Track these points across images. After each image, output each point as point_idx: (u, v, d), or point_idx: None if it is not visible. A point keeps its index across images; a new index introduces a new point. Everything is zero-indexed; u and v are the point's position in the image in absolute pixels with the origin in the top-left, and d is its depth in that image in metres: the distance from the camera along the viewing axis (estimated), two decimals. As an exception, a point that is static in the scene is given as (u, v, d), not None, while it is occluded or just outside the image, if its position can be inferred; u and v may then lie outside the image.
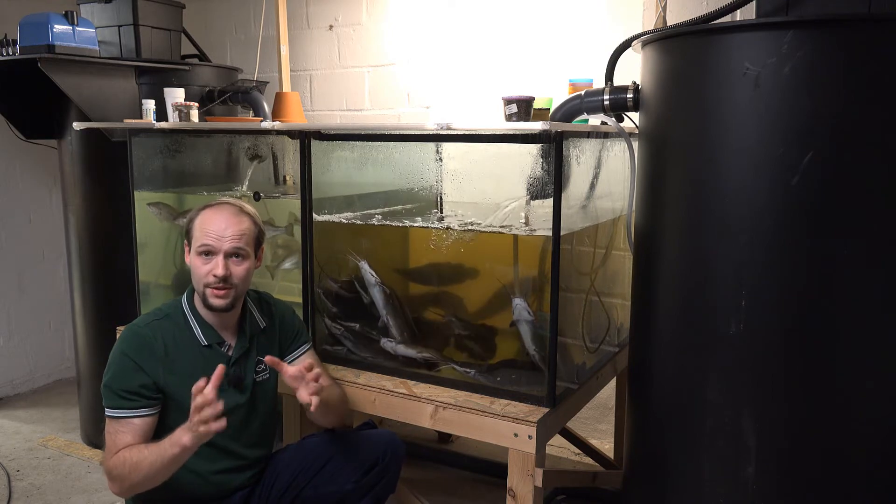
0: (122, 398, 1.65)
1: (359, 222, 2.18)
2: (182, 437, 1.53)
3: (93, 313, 2.86)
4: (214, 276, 1.69)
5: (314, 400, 1.63)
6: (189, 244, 1.76)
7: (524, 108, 1.86)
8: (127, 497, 1.70)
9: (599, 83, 1.86)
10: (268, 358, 1.67)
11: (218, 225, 1.72)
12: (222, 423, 1.50)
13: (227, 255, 1.71)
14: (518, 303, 1.91)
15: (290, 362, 1.90)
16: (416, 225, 2.13)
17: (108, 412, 1.66)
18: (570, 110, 1.88)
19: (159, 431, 1.67)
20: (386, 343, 2.07)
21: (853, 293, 1.29)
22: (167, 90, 2.56)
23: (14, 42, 2.55)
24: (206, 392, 1.49)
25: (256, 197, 2.33)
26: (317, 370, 1.68)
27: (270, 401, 1.88)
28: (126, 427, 1.64)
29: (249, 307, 1.85)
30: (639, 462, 1.71)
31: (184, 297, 1.80)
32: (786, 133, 1.29)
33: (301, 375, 1.64)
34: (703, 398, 1.45)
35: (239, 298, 1.77)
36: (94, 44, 2.61)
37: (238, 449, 1.79)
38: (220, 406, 1.50)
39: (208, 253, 1.71)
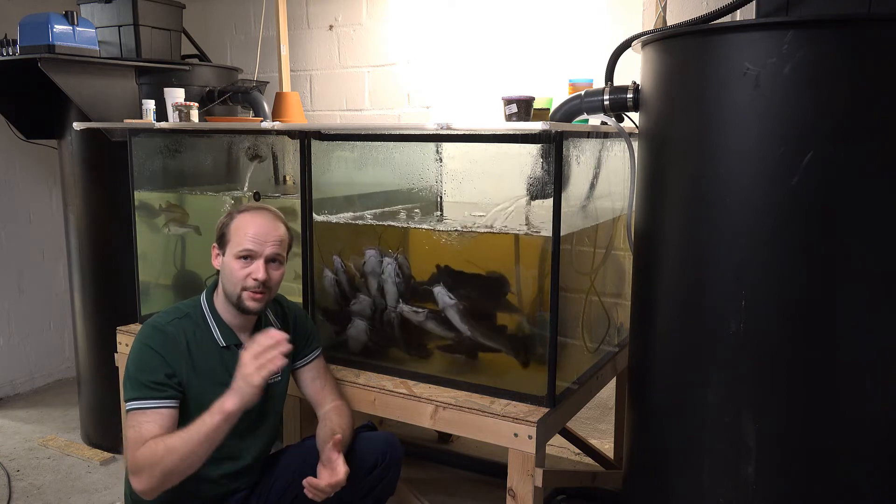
0: (149, 388, 1.62)
1: (359, 222, 2.18)
2: (225, 402, 1.54)
3: (93, 313, 2.86)
4: (255, 279, 1.69)
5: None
6: (221, 247, 1.76)
7: (524, 108, 1.86)
8: (155, 495, 1.60)
9: (599, 83, 1.86)
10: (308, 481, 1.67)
11: (259, 229, 1.72)
12: (284, 360, 1.56)
13: (268, 260, 1.72)
14: (438, 290, 1.95)
15: (300, 367, 1.92)
16: (415, 226, 2.13)
17: (132, 405, 1.62)
18: (570, 110, 1.88)
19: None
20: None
21: (853, 293, 1.29)
22: (167, 90, 2.56)
23: (14, 42, 2.55)
24: (274, 334, 1.57)
25: (256, 197, 2.33)
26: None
27: (279, 403, 1.88)
28: (153, 417, 1.60)
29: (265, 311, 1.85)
30: (639, 462, 1.71)
31: (202, 297, 1.80)
32: (786, 133, 1.29)
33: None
34: (703, 398, 1.45)
35: (269, 303, 1.78)
36: (94, 44, 2.61)
37: (242, 451, 1.79)
38: (283, 360, 1.57)
39: (248, 256, 1.71)
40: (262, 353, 1.56)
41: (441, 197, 2.24)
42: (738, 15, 1.72)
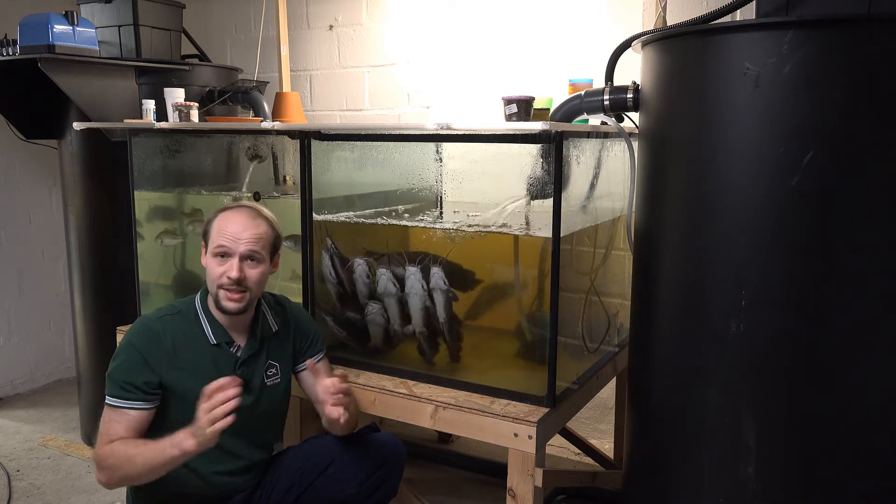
0: (122, 388, 1.66)
1: (360, 221, 2.18)
2: (185, 441, 1.53)
3: (93, 313, 2.86)
4: (228, 277, 1.69)
5: (342, 414, 1.67)
6: (206, 245, 1.76)
7: (524, 108, 1.86)
8: (113, 488, 1.70)
9: (599, 83, 1.86)
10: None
11: (235, 227, 1.71)
12: (228, 420, 1.50)
13: (243, 258, 1.71)
14: (435, 271, 1.99)
15: (302, 369, 1.91)
16: (415, 225, 2.13)
17: (107, 399, 1.67)
18: (570, 110, 1.88)
19: (159, 425, 1.67)
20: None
21: (853, 293, 1.29)
22: (167, 90, 2.56)
23: (14, 42, 2.55)
24: (217, 391, 1.52)
25: (256, 197, 2.34)
26: (345, 385, 1.70)
27: (279, 405, 1.88)
28: (121, 417, 1.65)
29: (263, 309, 1.84)
30: (639, 462, 1.71)
31: (197, 296, 1.81)
32: (786, 133, 1.29)
33: (334, 389, 1.68)
34: (703, 398, 1.45)
35: (252, 303, 1.76)
36: (94, 44, 2.61)
37: (241, 451, 1.79)
38: (231, 405, 1.51)
39: (224, 255, 1.71)
40: (211, 404, 1.52)
41: (441, 197, 2.24)
42: (738, 15, 1.72)
